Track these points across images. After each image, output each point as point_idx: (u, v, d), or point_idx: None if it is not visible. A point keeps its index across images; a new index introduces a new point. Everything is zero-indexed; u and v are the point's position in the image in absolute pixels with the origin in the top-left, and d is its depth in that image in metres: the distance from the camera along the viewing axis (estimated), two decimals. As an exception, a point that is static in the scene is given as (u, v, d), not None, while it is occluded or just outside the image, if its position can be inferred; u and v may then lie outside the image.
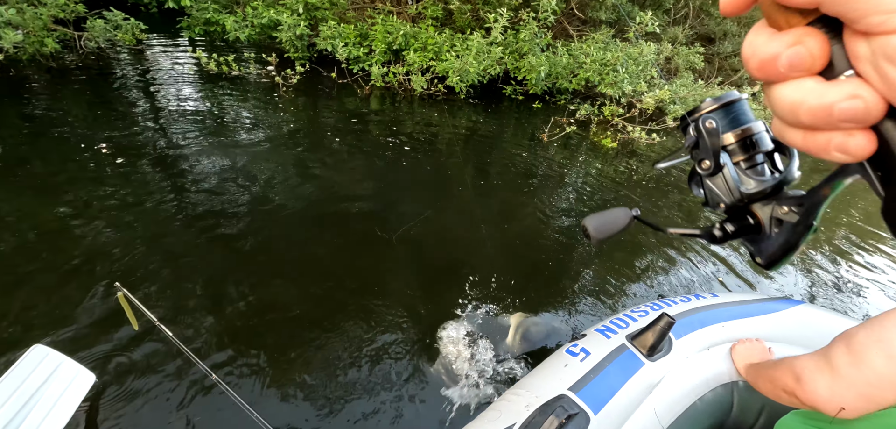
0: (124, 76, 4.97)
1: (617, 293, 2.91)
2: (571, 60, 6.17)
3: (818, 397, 0.84)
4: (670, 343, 1.48)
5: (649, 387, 1.34)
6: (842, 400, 0.80)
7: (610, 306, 2.75)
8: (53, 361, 1.48)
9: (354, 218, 3.18)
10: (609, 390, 1.28)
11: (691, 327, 1.54)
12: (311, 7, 5.71)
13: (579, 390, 1.27)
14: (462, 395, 1.97)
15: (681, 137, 0.44)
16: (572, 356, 1.43)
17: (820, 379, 0.84)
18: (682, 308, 1.67)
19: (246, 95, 5.00)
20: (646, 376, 1.36)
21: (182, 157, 3.49)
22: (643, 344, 1.43)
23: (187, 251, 2.57)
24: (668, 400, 1.33)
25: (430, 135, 4.93)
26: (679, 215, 4.33)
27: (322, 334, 2.17)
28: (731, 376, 1.41)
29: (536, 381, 1.37)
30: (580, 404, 1.22)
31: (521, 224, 3.55)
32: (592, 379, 1.30)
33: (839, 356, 0.81)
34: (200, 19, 5.54)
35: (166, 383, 1.83)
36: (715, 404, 1.39)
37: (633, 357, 1.41)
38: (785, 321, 1.68)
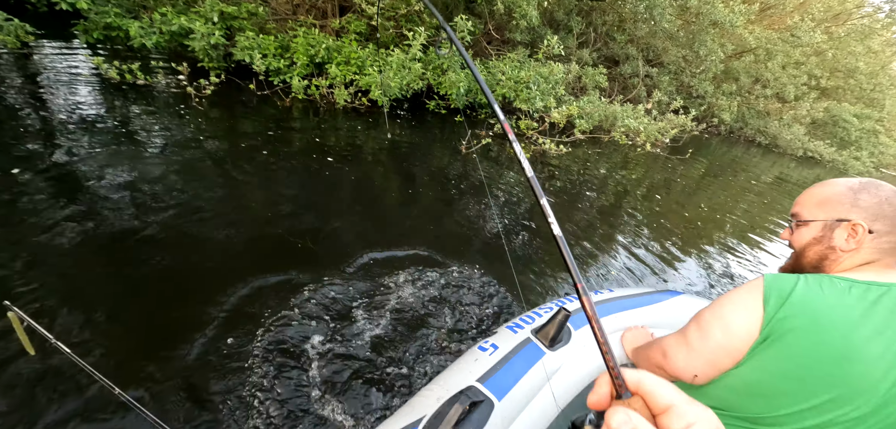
0: (7, 82, 4.48)
1: (530, 293, 3.15)
2: (489, 78, 6.59)
3: (678, 367, 0.96)
4: (570, 334, 1.62)
5: (549, 374, 1.46)
6: (694, 368, 0.93)
7: (522, 305, 2.92)
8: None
9: (269, 229, 3.15)
10: (513, 379, 1.39)
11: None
12: (228, 16, 5.56)
13: (486, 380, 1.37)
14: (376, 396, 2.06)
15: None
16: (483, 351, 1.53)
17: (679, 352, 0.97)
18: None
19: (154, 106, 4.73)
20: (546, 365, 1.48)
21: (78, 170, 3.22)
22: (545, 336, 1.56)
23: (86, 269, 2.41)
24: (566, 384, 1.47)
25: (354, 147, 5.00)
26: (591, 216, 4.79)
27: (234, 344, 2.17)
28: (621, 359, 1.55)
29: (448, 375, 1.46)
30: (485, 392, 1.32)
31: (443, 229, 3.73)
32: (498, 370, 1.41)
33: (692, 332, 0.95)
34: (99, 23, 5.15)
35: (69, 405, 1.74)
36: None
37: (535, 348, 1.53)
38: (666, 310, 1.92)
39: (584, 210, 5.02)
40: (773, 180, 10.63)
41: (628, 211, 5.36)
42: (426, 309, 2.70)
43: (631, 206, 5.58)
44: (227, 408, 1.89)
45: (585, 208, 5.06)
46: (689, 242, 4.90)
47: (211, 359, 2.07)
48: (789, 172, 12.71)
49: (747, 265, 4.76)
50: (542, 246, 3.82)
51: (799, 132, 15.26)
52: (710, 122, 13.65)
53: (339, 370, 2.15)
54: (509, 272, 3.28)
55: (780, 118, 15.48)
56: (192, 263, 2.66)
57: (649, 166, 8.07)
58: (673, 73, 11.83)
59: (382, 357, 2.28)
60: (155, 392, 1.87)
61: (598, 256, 4.01)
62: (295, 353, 2.19)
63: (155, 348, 2.06)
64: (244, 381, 2.00)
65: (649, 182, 6.98)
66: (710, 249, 4.88)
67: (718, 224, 5.85)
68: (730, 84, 13.48)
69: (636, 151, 8.47)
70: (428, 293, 2.83)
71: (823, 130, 17.30)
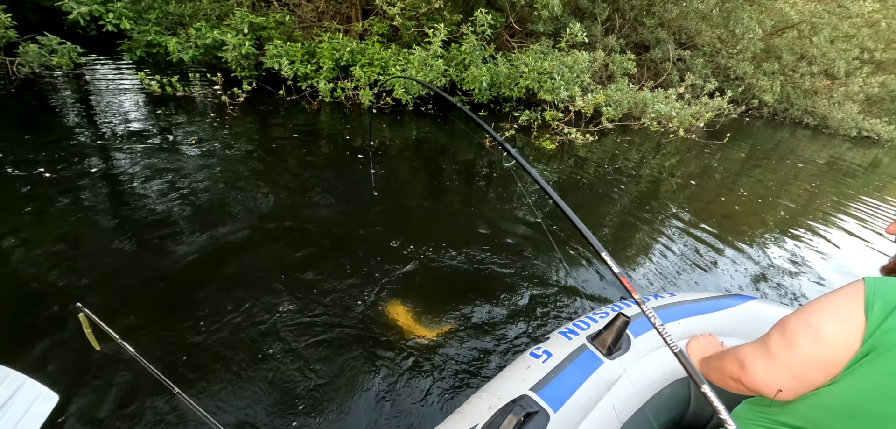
0: (63, 101, 4.89)
1: (582, 297, 2.98)
2: (512, 70, 6.56)
3: (758, 380, 0.87)
4: (629, 342, 1.52)
5: (608, 384, 1.38)
6: (778, 382, 0.83)
7: (575, 310, 2.81)
8: (14, 381, 1.43)
9: (307, 228, 3.23)
10: (569, 389, 1.32)
11: (649, 326, 1.55)
12: (257, 27, 5.81)
13: (540, 389, 1.30)
14: (429, 398, 2.03)
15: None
16: (535, 358, 1.46)
17: (759, 364, 0.87)
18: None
19: (192, 115, 5.03)
20: (604, 374, 1.40)
21: (130, 178, 3.48)
22: (602, 343, 1.47)
23: (142, 271, 2.54)
24: (626, 396, 1.37)
25: (380, 145, 5.12)
26: (627, 209, 4.68)
27: (285, 345, 2.20)
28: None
29: (500, 383, 1.39)
30: (540, 403, 1.25)
31: (475, 225, 3.67)
32: (553, 379, 1.34)
33: (775, 342, 0.86)
34: (142, 41, 5.52)
35: (130, 401, 1.82)
36: (672, 397, 1.45)
37: (592, 356, 1.44)
38: (736, 316, 1.77)
39: (619, 202, 4.82)
40: (826, 164, 9.88)
41: (667, 203, 5.02)
42: (470, 309, 2.64)
43: (671, 197, 5.24)
44: (275, 405, 1.91)
45: (620, 200, 4.85)
46: (738, 236, 4.49)
47: (264, 357, 2.12)
48: (842, 154, 11.84)
49: (817, 263, 4.26)
50: (590, 250, 3.55)
51: (852, 110, 14.23)
52: (750, 104, 12.95)
53: (386, 372, 2.15)
54: (556, 271, 3.16)
55: (830, 96, 14.50)
56: (238, 264, 2.74)
57: (684, 154, 7.74)
58: (707, 54, 11.34)
59: (427, 358, 2.25)
60: (207, 389, 1.94)
61: (642, 254, 3.75)
62: (341, 355, 2.21)
63: (205, 346, 2.13)
64: (291, 379, 2.03)
65: (686, 170, 6.69)
66: (764, 244, 4.44)
67: (769, 214, 5.37)
68: (771, 63, 12.75)
69: (668, 137, 8.18)
70: (470, 292, 2.78)
71: (880, 106, 16.03)
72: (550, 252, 3.38)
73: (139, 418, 1.79)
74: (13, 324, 2.09)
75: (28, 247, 2.59)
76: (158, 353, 2.05)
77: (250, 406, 1.90)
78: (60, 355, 1.96)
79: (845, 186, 7.63)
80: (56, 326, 2.10)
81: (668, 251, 3.86)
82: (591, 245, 1.08)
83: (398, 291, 2.70)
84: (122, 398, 1.83)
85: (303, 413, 1.89)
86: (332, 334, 2.31)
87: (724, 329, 1.68)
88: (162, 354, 2.05)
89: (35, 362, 1.92)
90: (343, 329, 2.35)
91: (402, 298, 2.65)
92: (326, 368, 2.12)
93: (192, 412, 1.54)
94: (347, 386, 2.05)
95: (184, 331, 2.19)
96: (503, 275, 3.03)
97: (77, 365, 1.92)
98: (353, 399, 2.00)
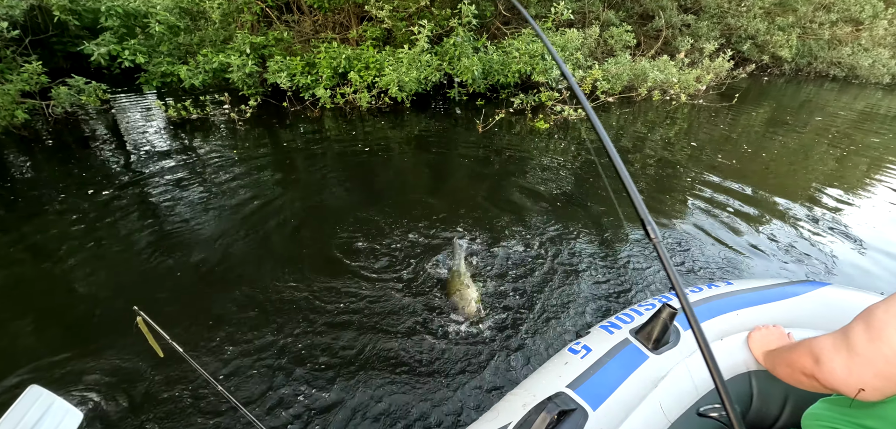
0: (95, 134, 5.44)
1: (623, 289, 2.80)
2: (504, 57, 6.71)
3: (836, 377, 0.79)
4: (678, 335, 1.40)
5: (654, 381, 1.27)
6: (860, 380, 0.75)
7: (616, 303, 2.67)
8: (46, 400, 1.52)
9: (332, 231, 3.34)
10: (609, 386, 1.24)
11: (702, 317, 1.46)
12: (258, 46, 6.22)
13: (578, 386, 1.23)
14: (462, 395, 2.02)
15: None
16: (573, 354, 1.39)
17: (837, 359, 0.79)
18: (693, 298, 1.60)
19: (207, 134, 5.47)
20: (650, 370, 1.30)
21: (159, 193, 3.85)
22: (647, 337, 1.37)
23: (182, 286, 2.72)
24: (675, 393, 1.26)
25: (383, 143, 5.41)
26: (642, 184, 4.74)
27: (334, 354, 2.22)
28: (747, 364, 1.34)
29: (536, 380, 1.34)
30: (577, 400, 1.19)
31: (489, 213, 3.65)
32: (592, 375, 1.27)
33: (858, 334, 0.77)
34: (157, 73, 6.03)
35: (185, 409, 1.90)
36: (732, 394, 1.32)
37: (636, 351, 1.35)
38: (806, 305, 1.59)
39: (634, 178, 4.54)
40: (859, 117, 8.99)
41: (685, 176, 4.73)
42: (504, 303, 2.60)
43: (688, 168, 4.96)
44: (312, 407, 1.94)
45: (636, 176, 4.60)
46: (775, 210, 4.01)
47: (304, 362, 2.17)
48: (877, 104, 11.18)
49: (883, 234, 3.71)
50: (631, 236, 3.40)
51: (882, 56, 13.44)
52: (760, 61, 12.44)
53: (423, 368, 2.15)
54: (594, 265, 3.01)
55: (857, 43, 13.74)
56: (268, 270, 2.85)
57: (693, 120, 7.58)
58: (714, 16, 11.03)
59: (460, 353, 2.23)
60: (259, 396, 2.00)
61: (711, 243, 3.41)
62: (374, 348, 2.26)
63: (247, 353, 2.21)
64: (333, 378, 2.07)
65: (696, 138, 6.58)
66: (810, 219, 3.90)
67: (806, 179, 4.90)
68: (786, 16, 12.24)
69: (672, 105, 8.09)
70: (503, 285, 2.75)
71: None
72: (587, 239, 3.29)
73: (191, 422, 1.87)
74: (72, 333, 2.31)
75: (82, 265, 2.89)
76: (215, 367, 2.13)
77: (285, 402, 1.95)
78: (119, 357, 2.13)
79: (891, 138, 7.03)
80: (110, 333, 2.28)
81: (701, 234, 3.51)
82: (645, 226, 1.01)
83: (429, 284, 2.73)
84: (178, 406, 1.91)
85: (340, 413, 1.93)
86: (365, 326, 2.37)
87: (792, 319, 1.51)
88: (221, 367, 2.13)
89: (93, 363, 2.09)
90: (375, 321, 2.41)
91: (431, 290, 2.67)
92: (356, 358, 2.17)
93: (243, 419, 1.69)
94: (380, 380, 2.07)
95: (223, 335, 2.30)
96: (535, 266, 2.94)
97: (132, 375, 2.05)
98: (384, 392, 2.01)
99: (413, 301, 2.58)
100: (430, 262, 2.94)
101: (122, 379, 2.05)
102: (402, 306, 2.54)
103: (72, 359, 2.17)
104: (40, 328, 2.39)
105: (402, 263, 2.94)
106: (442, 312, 2.49)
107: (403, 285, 2.71)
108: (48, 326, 2.42)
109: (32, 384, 1.57)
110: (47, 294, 2.65)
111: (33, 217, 3.49)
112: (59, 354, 2.19)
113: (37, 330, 2.38)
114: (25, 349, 2.24)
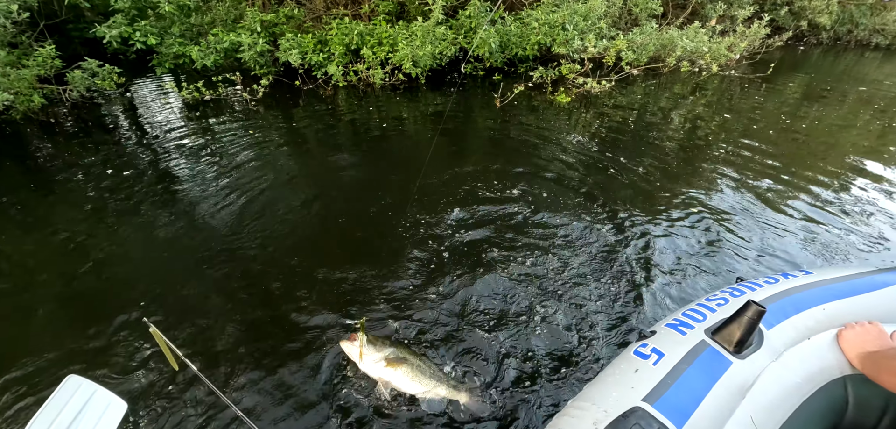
0: (111, 117, 5.42)
1: (682, 278, 2.50)
2: (522, 28, 6.40)
3: None
4: (761, 335, 1.25)
5: (741, 390, 1.12)
6: None
7: (676, 295, 2.38)
8: (87, 390, 1.49)
9: (336, 213, 3.18)
10: (693, 399, 1.07)
11: (784, 314, 1.31)
12: (269, 24, 6.08)
13: (656, 400, 1.07)
14: (512, 398, 1.79)
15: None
16: (643, 359, 1.22)
17: None
18: (770, 291, 1.43)
19: (220, 114, 5.38)
20: (735, 377, 1.14)
21: (177, 181, 3.72)
22: (728, 339, 1.21)
23: (202, 279, 2.54)
24: (767, 404, 1.10)
25: (398, 120, 5.23)
26: (670, 161, 4.47)
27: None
28: (841, 368, 1.18)
29: (603, 390, 1.17)
30: (660, 419, 1.02)
31: (526, 187, 3.49)
32: (671, 386, 1.10)
33: None
34: (169, 54, 5.96)
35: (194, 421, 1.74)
36: (825, 403, 1.16)
37: (717, 355, 1.19)
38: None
39: (661, 156, 4.24)
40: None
41: (726, 153, 4.34)
42: (546, 290, 2.37)
43: (727, 144, 4.56)
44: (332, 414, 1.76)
45: (661, 154, 4.29)
46: (822, 184, 3.69)
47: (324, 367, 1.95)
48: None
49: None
50: (682, 211, 3.17)
51: (932, 20, 12.52)
52: (797, 29, 11.70)
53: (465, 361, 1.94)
54: (644, 248, 2.74)
55: (903, 8, 12.81)
56: (280, 260, 2.66)
57: (724, 92, 7.14)
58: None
59: (500, 346, 2.01)
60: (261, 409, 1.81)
61: (782, 221, 3.12)
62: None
63: (259, 357, 2.01)
64: (347, 380, 1.88)
65: (733, 111, 6.18)
66: (860, 193, 3.56)
67: (845, 152, 4.52)
68: (826, -19, 11.47)
69: (701, 76, 7.64)
70: (540, 268, 2.51)
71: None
72: (628, 218, 3.03)
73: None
74: (83, 336, 2.13)
75: (99, 250, 2.78)
76: (224, 374, 1.94)
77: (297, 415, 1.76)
78: (126, 370, 1.96)
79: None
80: (124, 341, 2.11)
81: (755, 216, 3.17)
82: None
83: (462, 267, 2.51)
84: (185, 418, 1.76)
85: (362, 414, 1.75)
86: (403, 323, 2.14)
87: (889, 313, 1.33)
88: (230, 378, 1.93)
89: (103, 376, 1.91)
90: (411, 320, 2.17)
91: (469, 276, 2.44)
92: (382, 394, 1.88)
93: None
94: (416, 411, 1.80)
95: (233, 341, 2.11)
96: (574, 252, 2.68)
97: (147, 381, 1.90)
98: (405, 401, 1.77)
99: (438, 307, 2.25)
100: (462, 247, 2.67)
101: (129, 382, 1.89)
102: (429, 317, 2.21)
103: (79, 352, 2.06)
104: (53, 316, 2.30)
105: (433, 268, 2.56)
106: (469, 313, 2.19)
107: (436, 296, 2.34)
108: (61, 312, 2.32)
109: (71, 375, 1.53)
110: (62, 279, 2.56)
111: (50, 197, 3.46)
112: (67, 344, 2.10)
113: (50, 317, 2.29)
114: (39, 337, 2.15)
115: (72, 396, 1.48)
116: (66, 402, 1.46)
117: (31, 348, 2.05)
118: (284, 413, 1.77)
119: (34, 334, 2.17)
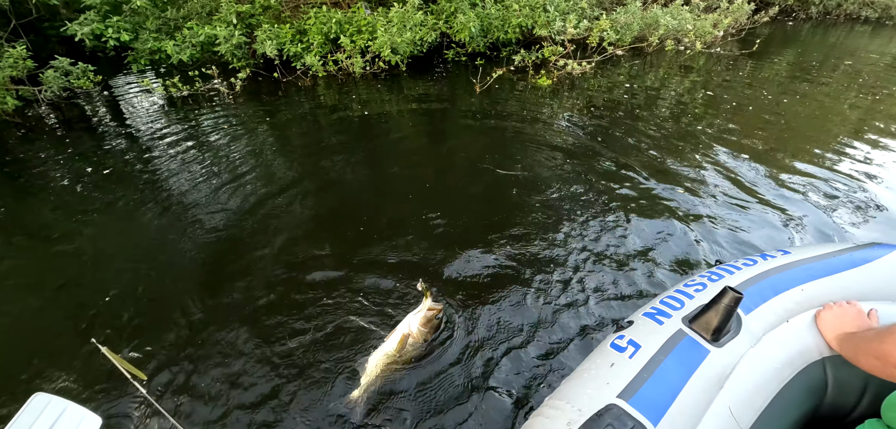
0: (88, 117, 5.34)
1: (662, 261, 2.46)
2: (503, 11, 6.32)
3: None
4: (739, 321, 1.22)
5: (719, 380, 1.10)
6: None
7: (657, 279, 2.34)
8: (57, 407, 1.38)
9: (320, 204, 3.15)
10: (670, 392, 1.05)
11: (762, 297, 1.29)
12: (245, 15, 5.99)
13: (632, 395, 1.04)
14: (476, 402, 1.73)
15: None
16: (619, 352, 1.18)
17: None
18: (748, 274, 1.40)
19: (197, 109, 5.31)
20: (713, 367, 1.11)
21: (152, 178, 3.66)
22: (705, 327, 1.18)
23: (177, 281, 2.49)
24: (745, 394, 1.08)
25: (380, 109, 5.17)
26: (660, 144, 4.43)
27: (313, 360, 1.95)
28: (820, 350, 1.16)
29: (578, 388, 1.13)
30: (635, 416, 1.00)
31: (489, 176, 3.47)
32: (647, 380, 1.08)
33: None
34: (144, 50, 5.87)
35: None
36: (804, 387, 1.15)
37: (694, 345, 1.16)
38: (882, 272, 1.36)
39: (643, 139, 4.11)
40: (894, 60, 8.23)
41: (709, 133, 4.26)
42: (518, 278, 2.34)
43: (709, 125, 4.46)
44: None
45: (644, 137, 4.18)
46: (804, 160, 3.65)
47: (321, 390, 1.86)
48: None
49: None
50: (651, 190, 3.15)
51: (921, -10, 12.41)
52: (784, 4, 11.61)
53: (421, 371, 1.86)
54: (622, 227, 2.73)
55: (892, -21, 12.70)
56: (253, 254, 2.64)
57: (709, 70, 7.07)
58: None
59: (473, 346, 1.95)
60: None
61: (757, 203, 3.07)
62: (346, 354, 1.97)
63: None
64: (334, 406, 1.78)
65: (718, 90, 6.13)
66: (842, 167, 3.55)
67: (834, 129, 4.47)
68: (813, -46, 11.35)
69: (686, 54, 7.58)
70: (513, 256, 2.48)
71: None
72: (610, 202, 2.99)
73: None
74: (48, 349, 2.07)
75: (63, 265, 2.70)
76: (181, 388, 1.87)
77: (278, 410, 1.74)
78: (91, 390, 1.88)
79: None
80: (87, 356, 2.02)
81: (731, 196, 3.12)
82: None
83: (430, 259, 2.48)
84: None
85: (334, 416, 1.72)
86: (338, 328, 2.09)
87: (867, 291, 1.29)
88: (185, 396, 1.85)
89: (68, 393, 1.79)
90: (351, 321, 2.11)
91: (433, 268, 2.41)
92: (342, 365, 1.91)
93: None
94: (344, 389, 1.80)
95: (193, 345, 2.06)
96: (554, 236, 2.65)
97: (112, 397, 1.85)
98: (385, 399, 1.74)
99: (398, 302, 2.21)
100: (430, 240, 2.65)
101: (99, 398, 1.82)
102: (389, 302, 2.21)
103: (43, 368, 2.01)
104: (15, 328, 2.26)
105: (399, 269, 2.47)
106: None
107: (397, 281, 2.34)
108: (24, 324, 2.28)
109: (37, 392, 1.39)
110: (41, 283, 2.53)
111: (28, 199, 3.43)
112: (32, 359, 2.04)
113: (22, 326, 2.25)
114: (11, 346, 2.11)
115: (39, 414, 1.36)
116: (32, 422, 1.34)
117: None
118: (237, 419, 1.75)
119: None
